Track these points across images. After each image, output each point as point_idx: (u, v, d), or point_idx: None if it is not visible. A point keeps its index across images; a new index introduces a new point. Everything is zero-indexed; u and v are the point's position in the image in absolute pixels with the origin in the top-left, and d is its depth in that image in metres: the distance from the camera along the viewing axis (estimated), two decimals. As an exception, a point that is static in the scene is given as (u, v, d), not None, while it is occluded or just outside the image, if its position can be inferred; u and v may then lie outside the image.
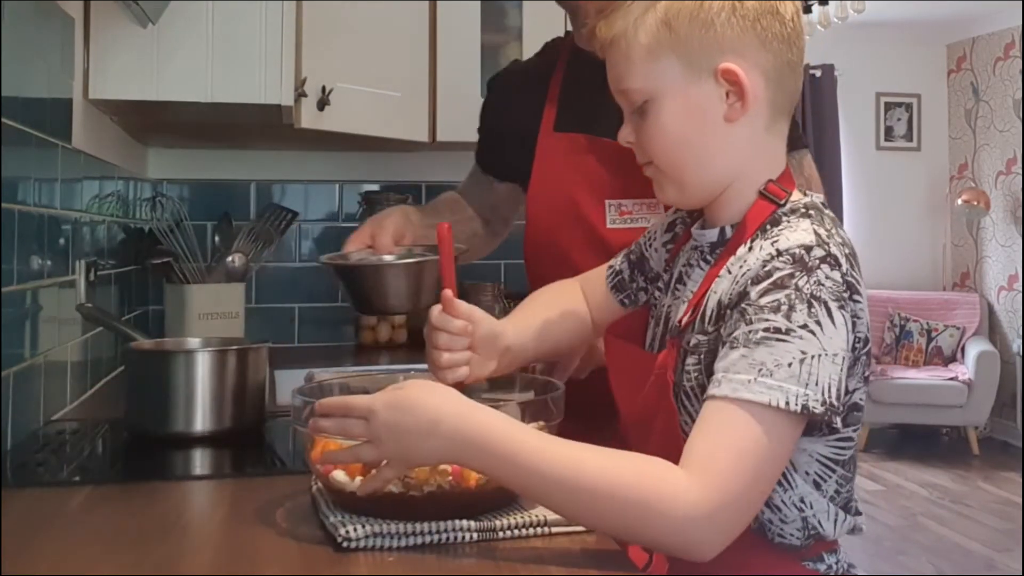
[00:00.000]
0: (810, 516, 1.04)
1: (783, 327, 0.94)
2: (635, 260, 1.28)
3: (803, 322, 0.94)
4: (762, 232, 1.04)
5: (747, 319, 0.96)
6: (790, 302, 0.95)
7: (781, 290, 0.95)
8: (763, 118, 1.06)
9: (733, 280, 1.01)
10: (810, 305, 0.94)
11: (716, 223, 1.10)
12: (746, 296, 0.97)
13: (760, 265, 0.98)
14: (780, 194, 1.06)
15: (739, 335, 0.96)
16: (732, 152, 1.06)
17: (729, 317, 0.99)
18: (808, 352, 0.93)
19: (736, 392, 0.93)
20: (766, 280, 0.96)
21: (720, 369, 0.96)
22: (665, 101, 1.05)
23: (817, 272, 0.96)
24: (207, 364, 1.44)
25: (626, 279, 1.28)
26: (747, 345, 0.94)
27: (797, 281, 0.95)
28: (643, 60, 1.05)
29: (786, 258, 0.97)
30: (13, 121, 1.36)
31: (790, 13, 1.06)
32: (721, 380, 0.95)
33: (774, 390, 0.92)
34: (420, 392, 0.98)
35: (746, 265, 1.00)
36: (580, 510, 0.94)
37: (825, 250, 0.98)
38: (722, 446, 0.92)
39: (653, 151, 1.08)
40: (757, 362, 0.93)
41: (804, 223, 1.02)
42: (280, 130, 2.18)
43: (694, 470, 0.91)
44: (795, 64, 1.07)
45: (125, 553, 0.96)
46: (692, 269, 1.13)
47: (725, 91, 1.03)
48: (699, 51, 1.03)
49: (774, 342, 0.94)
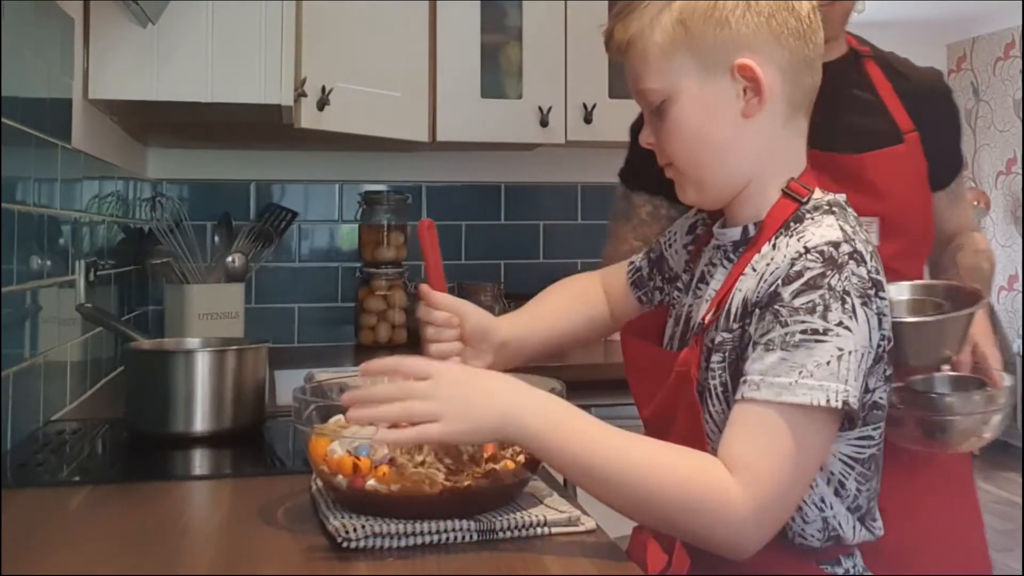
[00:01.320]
0: (830, 517, 1.04)
1: (820, 328, 0.95)
2: (655, 259, 1.29)
3: (839, 320, 0.95)
4: (786, 229, 1.04)
5: (782, 321, 0.96)
6: (824, 302, 0.96)
7: (815, 291, 0.96)
8: (780, 114, 1.06)
9: (760, 278, 1.01)
10: (843, 301, 0.96)
11: (738, 222, 1.11)
12: (778, 297, 0.97)
13: (788, 264, 0.98)
14: (802, 192, 1.06)
15: (775, 337, 0.96)
16: (750, 149, 1.06)
17: (760, 317, 0.99)
18: (845, 348, 0.95)
19: (779, 396, 0.94)
20: (798, 280, 0.97)
21: (756, 372, 0.96)
22: (682, 100, 1.05)
23: (846, 268, 0.97)
24: (207, 364, 1.44)
25: (645, 276, 1.29)
26: (785, 348, 0.96)
27: (829, 280, 0.96)
28: (659, 60, 1.05)
29: (815, 256, 0.98)
30: (13, 121, 1.36)
31: (806, 9, 1.06)
32: (760, 383, 0.95)
33: (816, 390, 0.94)
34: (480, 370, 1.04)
35: (773, 263, 1.00)
36: (625, 501, 0.96)
37: (852, 246, 0.99)
38: (766, 449, 0.94)
39: (672, 150, 1.09)
40: (798, 364, 0.95)
41: (829, 219, 1.02)
42: (280, 130, 2.18)
43: (739, 473, 0.93)
44: (811, 60, 1.07)
45: (125, 553, 0.96)
46: (715, 268, 1.13)
47: (742, 87, 1.04)
48: (714, 49, 1.04)
49: (813, 344, 0.95)
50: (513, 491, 1.04)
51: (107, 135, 2.07)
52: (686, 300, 1.17)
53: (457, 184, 2.90)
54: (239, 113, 2.03)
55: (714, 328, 1.06)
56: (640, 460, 0.94)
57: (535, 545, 0.97)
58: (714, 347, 1.05)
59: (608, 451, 0.95)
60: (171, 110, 2.00)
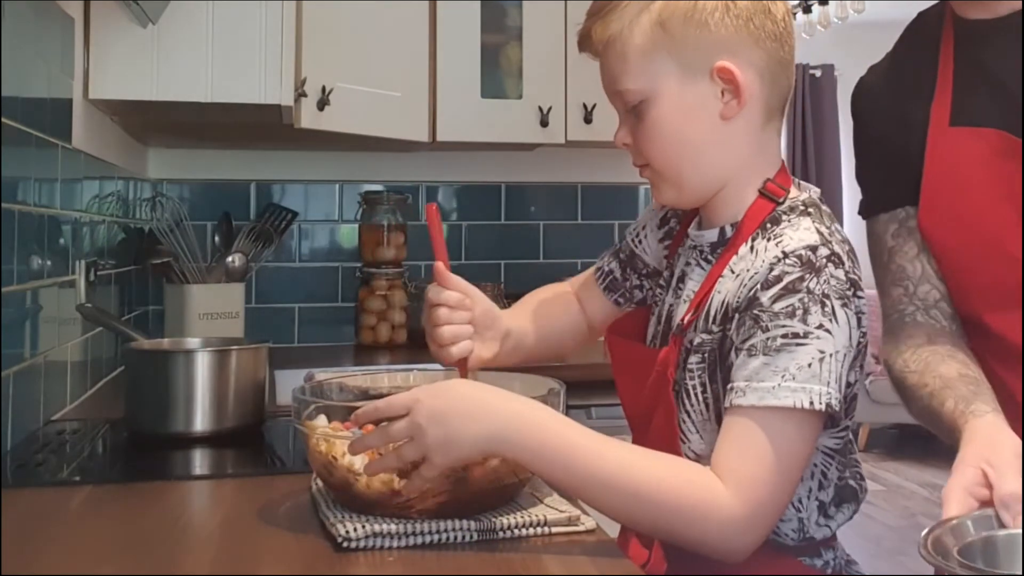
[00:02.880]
0: (805, 517, 1.06)
1: (801, 331, 0.96)
2: (625, 259, 1.28)
3: (819, 322, 0.96)
4: (763, 230, 1.05)
5: (763, 326, 0.97)
6: (804, 305, 0.97)
7: (794, 295, 0.97)
8: (758, 116, 1.07)
9: (740, 282, 1.02)
10: (823, 304, 0.97)
11: (715, 223, 1.11)
12: (757, 301, 0.98)
13: (767, 269, 0.99)
14: (779, 192, 1.07)
15: (757, 343, 0.97)
16: (729, 150, 1.07)
17: (741, 322, 1.00)
18: (826, 351, 0.96)
19: (763, 400, 0.95)
20: (777, 285, 0.98)
21: (742, 378, 0.97)
22: (661, 101, 1.06)
23: (824, 271, 0.98)
24: (207, 364, 1.44)
25: (618, 278, 1.28)
26: (767, 353, 0.96)
27: (808, 284, 0.97)
28: (638, 61, 1.05)
29: (793, 260, 0.99)
30: (13, 121, 1.36)
31: (781, 12, 1.07)
32: (746, 389, 0.97)
33: (799, 392, 0.95)
34: (465, 383, 1.02)
35: (752, 267, 1.01)
36: (620, 510, 0.97)
37: (829, 249, 1.00)
38: (752, 454, 0.95)
39: (650, 152, 1.09)
40: (780, 368, 0.96)
41: (805, 221, 1.03)
42: (280, 130, 2.18)
43: (729, 480, 0.95)
44: (787, 62, 1.08)
45: (125, 553, 0.96)
46: (692, 269, 1.13)
47: (720, 89, 1.05)
48: (694, 51, 1.04)
49: (794, 347, 0.96)
50: (513, 491, 1.04)
51: (107, 135, 2.07)
52: (668, 299, 1.17)
53: (457, 184, 2.90)
54: (239, 113, 2.03)
55: (693, 329, 1.06)
56: (632, 470, 0.95)
57: (535, 545, 0.97)
58: (693, 348, 1.06)
59: (600, 462, 0.95)
60: (171, 110, 2.00)
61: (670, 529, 0.96)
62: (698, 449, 1.07)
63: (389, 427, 0.96)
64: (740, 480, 0.95)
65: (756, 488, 0.95)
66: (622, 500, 0.95)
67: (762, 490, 0.95)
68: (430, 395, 0.96)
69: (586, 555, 0.95)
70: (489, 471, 0.99)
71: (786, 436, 0.96)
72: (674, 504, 0.94)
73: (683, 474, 0.96)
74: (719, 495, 0.94)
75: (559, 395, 1.08)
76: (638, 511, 0.96)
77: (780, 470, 0.96)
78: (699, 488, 0.95)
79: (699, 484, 0.95)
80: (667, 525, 0.96)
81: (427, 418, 0.94)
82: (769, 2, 1.06)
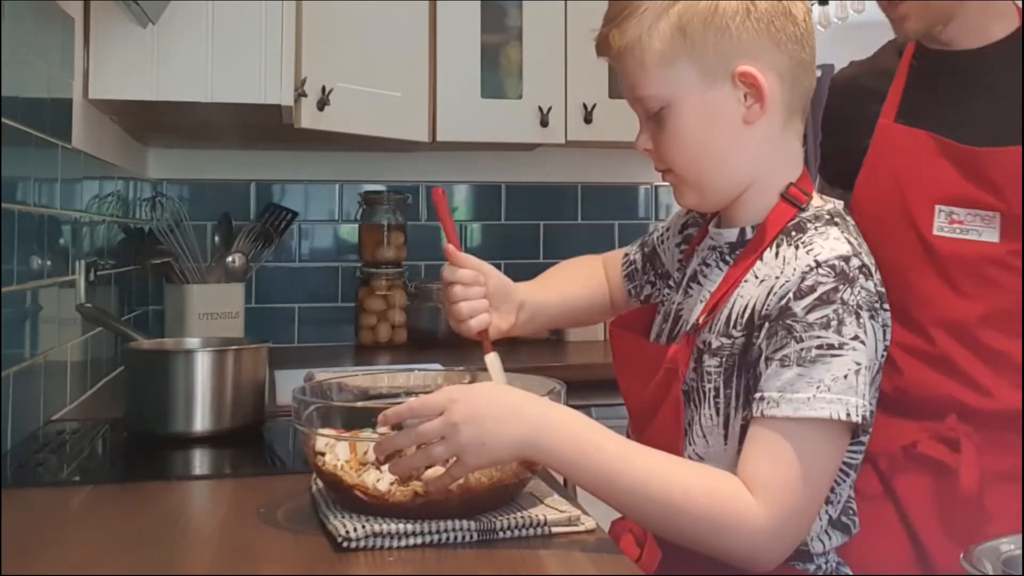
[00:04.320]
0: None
1: (836, 342, 0.95)
2: (648, 253, 1.29)
3: (854, 334, 0.96)
4: (787, 237, 1.04)
5: (797, 336, 0.96)
6: (839, 317, 0.96)
7: (828, 305, 0.96)
8: (779, 118, 1.06)
9: (768, 289, 1.01)
10: (857, 316, 0.96)
11: (735, 223, 1.10)
12: (790, 312, 0.97)
13: (799, 278, 0.98)
14: (802, 198, 1.06)
15: (791, 353, 0.96)
16: (750, 154, 1.06)
17: (771, 332, 0.99)
18: (861, 363, 0.96)
19: (798, 411, 0.95)
20: (811, 295, 0.97)
21: (774, 388, 0.96)
22: (682, 107, 1.05)
23: (857, 282, 0.97)
24: (207, 364, 1.44)
25: (638, 270, 1.29)
26: (801, 364, 0.96)
27: (843, 295, 0.96)
28: (658, 67, 1.04)
29: (826, 270, 0.98)
30: (13, 121, 1.36)
31: (802, 13, 1.06)
32: (780, 400, 0.96)
33: (834, 404, 0.94)
34: (497, 386, 1.04)
35: (783, 276, 1.00)
36: (648, 517, 0.97)
37: (861, 260, 0.99)
38: (784, 465, 0.95)
39: (672, 158, 1.08)
40: (815, 379, 0.95)
41: (834, 231, 1.02)
42: (280, 130, 2.18)
43: (758, 491, 0.94)
44: (808, 63, 1.07)
45: (125, 553, 0.96)
46: (709, 269, 1.12)
47: (743, 93, 1.04)
48: (715, 56, 1.03)
49: (829, 358, 0.95)
50: (513, 491, 1.04)
51: (107, 135, 2.07)
52: (676, 298, 1.16)
53: (457, 184, 2.90)
54: (239, 113, 2.03)
55: (708, 330, 1.06)
56: (662, 477, 0.95)
57: (535, 545, 0.97)
58: (709, 350, 1.05)
59: (631, 468, 0.95)
60: (171, 110, 2.00)
61: (697, 539, 0.96)
62: (701, 451, 1.06)
63: (421, 426, 0.96)
64: (770, 491, 0.94)
65: (786, 499, 0.94)
66: (651, 508, 0.95)
67: (792, 501, 0.94)
68: (466, 395, 0.97)
69: (586, 555, 0.95)
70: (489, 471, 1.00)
71: (817, 448, 0.96)
72: (702, 514, 0.94)
73: (711, 482, 0.96)
74: (749, 506, 0.94)
75: (559, 395, 1.08)
76: (665, 519, 0.96)
77: (810, 482, 0.95)
78: (728, 498, 0.94)
79: (728, 494, 0.94)
80: (694, 534, 0.96)
81: (463, 418, 0.94)
82: (790, 4, 1.05)
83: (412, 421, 0.97)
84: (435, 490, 0.97)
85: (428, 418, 0.96)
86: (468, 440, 0.94)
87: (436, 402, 0.97)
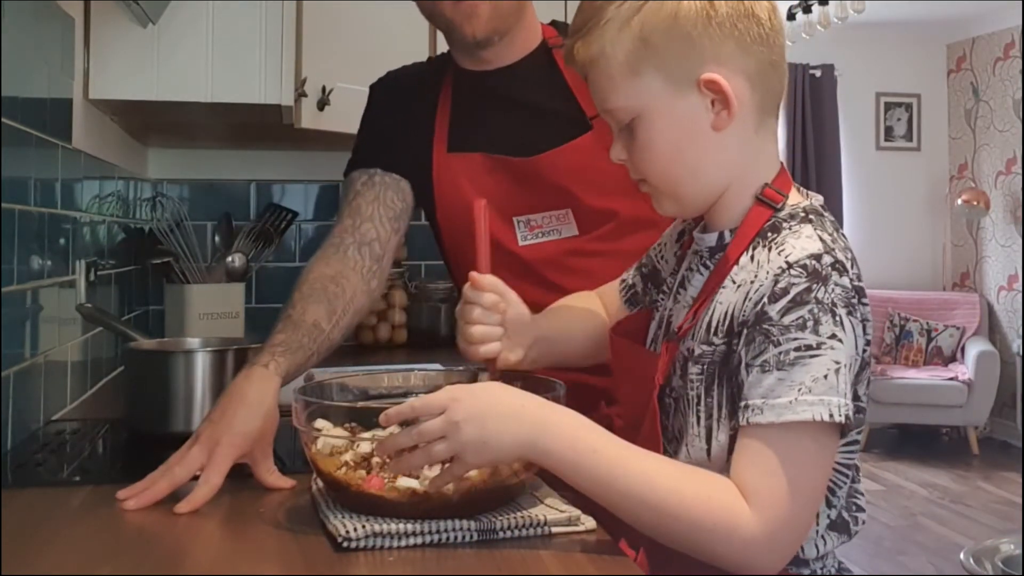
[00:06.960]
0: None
1: (813, 343, 0.94)
2: (647, 273, 1.27)
3: (831, 332, 0.95)
4: (762, 239, 1.03)
5: (774, 340, 0.96)
6: (814, 316, 0.95)
7: (803, 306, 0.95)
8: (751, 121, 1.05)
9: (744, 295, 1.00)
10: (833, 314, 0.95)
11: (715, 227, 1.10)
12: (766, 316, 0.97)
13: (772, 281, 0.97)
14: (777, 198, 1.05)
15: (770, 358, 0.95)
16: (724, 159, 1.05)
17: (750, 338, 0.98)
18: (840, 361, 0.95)
19: (781, 416, 0.94)
20: (784, 297, 0.96)
21: (757, 395, 0.96)
22: (652, 117, 1.03)
23: (831, 280, 0.96)
24: (207, 364, 1.44)
25: (640, 292, 1.28)
26: (781, 368, 0.95)
27: (816, 294, 0.95)
28: (624, 78, 1.03)
29: (798, 271, 0.97)
30: (13, 121, 1.36)
31: (766, 12, 1.04)
32: (763, 407, 0.95)
33: (816, 405, 0.93)
34: (499, 386, 1.03)
35: (757, 280, 0.99)
36: (645, 522, 0.96)
37: (833, 256, 0.98)
38: (773, 471, 0.94)
39: (645, 168, 1.07)
40: (796, 382, 0.94)
41: (807, 229, 1.01)
42: (280, 130, 2.18)
43: (750, 499, 0.94)
44: (777, 63, 1.05)
45: (125, 553, 0.96)
46: (693, 274, 1.12)
47: (710, 100, 1.02)
48: (679, 64, 1.01)
49: (808, 359, 0.94)
50: (513, 491, 1.04)
51: (107, 135, 2.07)
52: (668, 304, 1.16)
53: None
54: (239, 113, 2.03)
55: (690, 337, 1.05)
56: (658, 483, 0.95)
57: (535, 545, 0.97)
58: (692, 357, 1.04)
59: (628, 472, 0.95)
60: (171, 110, 2.00)
61: (692, 545, 0.95)
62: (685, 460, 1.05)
63: (423, 425, 0.96)
64: (762, 499, 0.94)
65: (778, 507, 0.93)
66: (646, 513, 0.95)
67: (785, 509, 0.94)
68: (468, 395, 0.97)
69: (586, 555, 0.95)
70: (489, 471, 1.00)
71: (805, 452, 0.95)
72: (696, 521, 0.94)
73: (707, 490, 0.95)
74: (743, 515, 0.93)
75: (559, 396, 1.08)
76: (660, 525, 0.95)
77: (802, 487, 0.95)
78: (723, 507, 0.94)
79: (723, 503, 0.94)
80: (688, 541, 0.95)
81: (464, 417, 0.95)
82: (753, 4, 1.03)
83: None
84: (434, 488, 0.97)
85: (430, 417, 0.96)
86: (469, 439, 0.94)
87: (438, 401, 0.97)
